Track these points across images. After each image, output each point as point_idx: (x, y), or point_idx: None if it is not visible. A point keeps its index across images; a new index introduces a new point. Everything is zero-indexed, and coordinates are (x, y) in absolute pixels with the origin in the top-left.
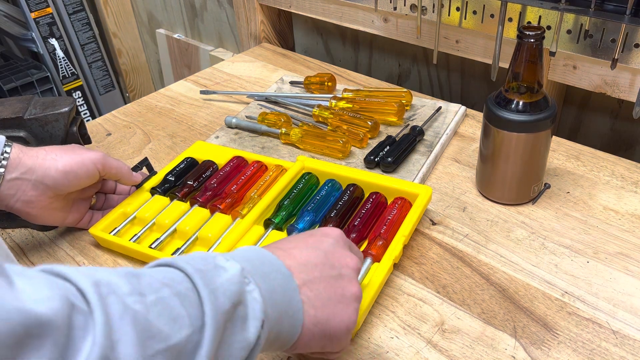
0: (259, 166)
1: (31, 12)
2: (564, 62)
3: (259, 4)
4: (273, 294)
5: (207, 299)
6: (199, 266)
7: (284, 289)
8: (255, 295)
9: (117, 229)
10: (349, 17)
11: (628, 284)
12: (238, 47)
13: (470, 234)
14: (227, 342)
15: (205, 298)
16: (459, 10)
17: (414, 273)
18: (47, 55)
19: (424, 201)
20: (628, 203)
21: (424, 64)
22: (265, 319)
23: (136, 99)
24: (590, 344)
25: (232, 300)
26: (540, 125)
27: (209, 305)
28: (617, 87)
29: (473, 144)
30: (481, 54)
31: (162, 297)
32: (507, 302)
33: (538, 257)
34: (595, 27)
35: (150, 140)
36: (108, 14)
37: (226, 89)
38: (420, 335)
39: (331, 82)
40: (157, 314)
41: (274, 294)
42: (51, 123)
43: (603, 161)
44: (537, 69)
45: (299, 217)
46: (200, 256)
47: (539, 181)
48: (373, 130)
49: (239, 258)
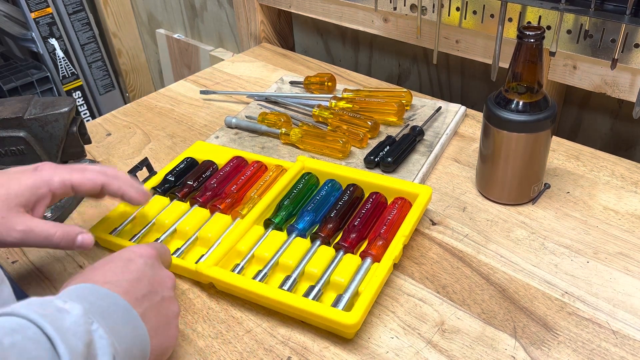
0: (258, 166)
1: (31, 12)
2: (564, 62)
3: (259, 4)
4: (117, 329)
5: (60, 342)
6: (40, 312)
7: (126, 321)
8: (101, 333)
9: (117, 229)
10: (349, 17)
11: (628, 284)
12: (238, 47)
13: (470, 234)
14: None
15: (56, 341)
16: (459, 10)
17: (414, 273)
18: (47, 55)
19: (424, 201)
20: (628, 203)
21: (424, 64)
22: (115, 354)
23: (136, 99)
24: (590, 344)
25: (83, 341)
26: (540, 125)
27: (62, 347)
28: (617, 87)
29: (473, 144)
30: (481, 54)
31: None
32: (507, 302)
33: (538, 257)
34: (595, 27)
35: (150, 140)
36: (108, 14)
37: (226, 89)
38: (420, 335)
39: (331, 82)
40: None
41: (117, 329)
42: (51, 123)
43: (603, 161)
44: (537, 69)
45: (299, 217)
46: (37, 302)
47: (539, 181)
48: (373, 130)
49: (76, 298)
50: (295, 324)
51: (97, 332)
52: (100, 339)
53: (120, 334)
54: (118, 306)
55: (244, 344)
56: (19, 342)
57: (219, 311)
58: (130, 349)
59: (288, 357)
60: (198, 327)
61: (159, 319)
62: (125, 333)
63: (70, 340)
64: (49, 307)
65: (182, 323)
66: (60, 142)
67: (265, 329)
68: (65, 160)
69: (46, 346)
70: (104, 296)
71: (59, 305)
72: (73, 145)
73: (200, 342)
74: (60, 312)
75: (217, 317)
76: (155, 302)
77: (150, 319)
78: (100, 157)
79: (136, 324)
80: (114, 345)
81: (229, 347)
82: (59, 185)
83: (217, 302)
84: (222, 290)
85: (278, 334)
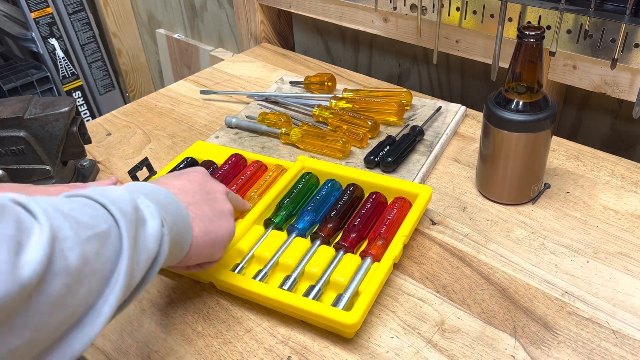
0: (258, 166)
1: (31, 12)
2: (564, 62)
3: (259, 4)
4: (162, 204)
5: (110, 205)
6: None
7: (169, 201)
8: (148, 203)
9: None
10: (349, 17)
11: (628, 284)
12: (238, 47)
13: (470, 234)
14: (141, 237)
15: (108, 204)
16: (459, 10)
17: (414, 273)
18: (47, 55)
19: (424, 201)
20: (628, 203)
21: (424, 64)
22: (163, 220)
23: (136, 99)
24: (590, 344)
25: (131, 205)
26: (540, 125)
27: (114, 209)
28: (617, 87)
29: (473, 144)
30: (481, 54)
31: (74, 207)
32: (507, 301)
33: (538, 257)
34: (595, 27)
35: (150, 140)
36: (108, 14)
37: (226, 89)
38: (420, 335)
39: (331, 82)
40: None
41: (162, 204)
42: (51, 123)
43: (603, 161)
44: (537, 69)
45: (299, 217)
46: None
47: (539, 181)
48: (373, 130)
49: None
50: (295, 323)
51: (143, 203)
52: (148, 207)
53: (166, 208)
54: (159, 191)
55: (244, 344)
56: (77, 207)
57: (219, 311)
58: (176, 222)
59: (288, 356)
60: (198, 326)
61: (212, 210)
62: (170, 208)
63: (118, 204)
64: (97, 189)
65: (182, 323)
66: (60, 142)
67: (265, 329)
68: (66, 160)
69: (99, 208)
70: (147, 185)
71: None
72: (73, 145)
73: (200, 342)
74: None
75: (217, 317)
76: (207, 198)
77: (202, 208)
78: (101, 157)
79: (178, 205)
80: (161, 212)
81: (229, 347)
82: None
83: (217, 301)
84: (222, 290)
85: (278, 333)
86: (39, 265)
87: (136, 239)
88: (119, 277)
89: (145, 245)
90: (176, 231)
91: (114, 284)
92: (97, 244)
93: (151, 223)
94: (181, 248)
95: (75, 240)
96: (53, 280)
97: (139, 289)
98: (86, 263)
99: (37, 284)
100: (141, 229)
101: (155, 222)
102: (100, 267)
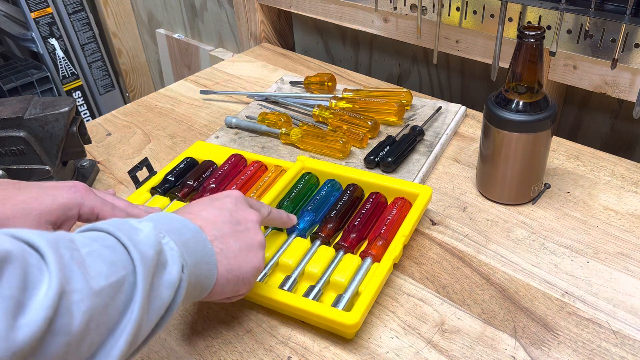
0: (258, 166)
1: (31, 12)
2: (564, 62)
3: (259, 4)
4: (186, 244)
5: (133, 248)
6: (118, 227)
7: (195, 240)
8: (171, 245)
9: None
10: (349, 17)
11: (628, 284)
12: (238, 47)
13: (470, 234)
14: (156, 284)
15: (130, 247)
16: (459, 10)
17: (414, 273)
18: (47, 55)
19: (424, 201)
20: (628, 203)
21: (424, 64)
22: (184, 264)
23: (136, 99)
24: (591, 344)
25: (154, 249)
26: (540, 125)
27: (135, 253)
28: (617, 87)
29: (473, 144)
30: (481, 54)
31: (95, 249)
32: (507, 302)
33: (538, 257)
34: (596, 27)
35: (150, 140)
36: (108, 14)
37: (226, 89)
38: (420, 335)
39: (331, 82)
40: (94, 260)
41: (187, 244)
42: (51, 123)
43: (603, 161)
44: (537, 69)
45: (299, 217)
46: (115, 221)
47: (539, 181)
48: (373, 130)
49: (149, 220)
50: (296, 324)
51: (168, 245)
52: (171, 250)
53: (190, 249)
54: (188, 228)
55: (244, 344)
56: (97, 250)
57: (218, 311)
58: (198, 264)
59: (288, 357)
60: (198, 327)
61: (240, 244)
62: (195, 249)
63: (141, 248)
64: (125, 224)
65: (183, 323)
66: (60, 142)
67: (265, 329)
68: (65, 160)
69: (121, 251)
70: (176, 220)
71: (133, 225)
72: (73, 145)
73: (200, 342)
74: (133, 229)
75: (217, 317)
76: (236, 230)
77: (229, 242)
78: (101, 157)
79: (204, 244)
80: (183, 256)
81: (229, 347)
82: (88, 211)
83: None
84: None
85: (278, 334)
86: (38, 328)
87: (151, 286)
88: (125, 329)
89: (159, 292)
90: (197, 274)
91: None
92: (108, 297)
93: (171, 269)
94: (202, 289)
95: (85, 293)
96: (53, 341)
97: (149, 339)
98: (92, 318)
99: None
100: (159, 274)
101: (175, 268)
102: (106, 320)
